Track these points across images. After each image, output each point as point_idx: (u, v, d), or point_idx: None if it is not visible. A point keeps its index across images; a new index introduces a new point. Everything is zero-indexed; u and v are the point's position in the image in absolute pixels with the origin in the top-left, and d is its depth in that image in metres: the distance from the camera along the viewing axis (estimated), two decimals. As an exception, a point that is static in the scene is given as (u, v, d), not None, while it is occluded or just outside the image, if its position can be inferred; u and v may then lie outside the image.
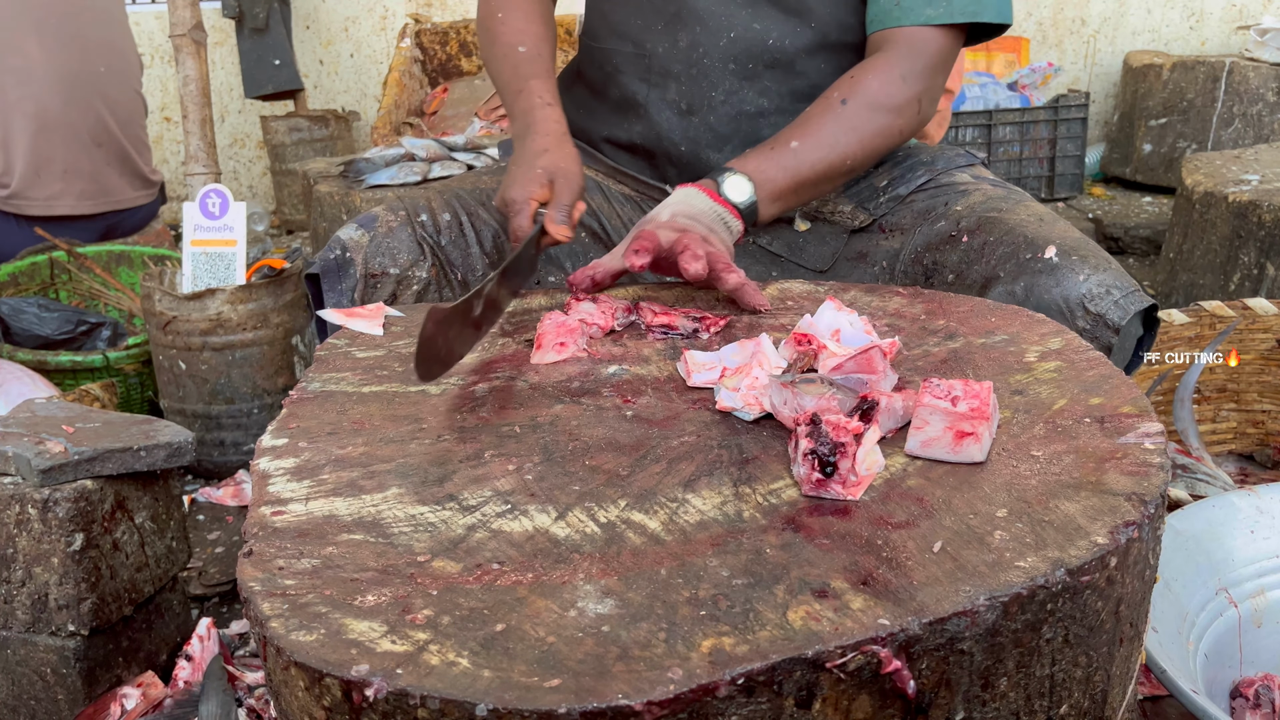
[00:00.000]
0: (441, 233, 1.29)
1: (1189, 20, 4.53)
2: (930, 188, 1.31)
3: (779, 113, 1.31)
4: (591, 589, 0.63)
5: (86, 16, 2.78)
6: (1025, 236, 1.16)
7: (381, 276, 1.25)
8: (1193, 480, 1.70)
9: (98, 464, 1.37)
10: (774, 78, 1.30)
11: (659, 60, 1.32)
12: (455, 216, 1.31)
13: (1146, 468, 0.72)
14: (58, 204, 2.72)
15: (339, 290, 1.23)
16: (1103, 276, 1.10)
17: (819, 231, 1.33)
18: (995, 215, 1.21)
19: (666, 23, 1.31)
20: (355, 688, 0.56)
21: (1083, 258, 1.12)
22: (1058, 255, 1.12)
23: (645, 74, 1.34)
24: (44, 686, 1.39)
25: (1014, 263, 1.15)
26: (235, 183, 4.83)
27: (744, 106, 1.31)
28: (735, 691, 0.55)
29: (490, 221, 1.32)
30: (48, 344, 2.37)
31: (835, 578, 0.63)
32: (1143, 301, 1.08)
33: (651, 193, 1.38)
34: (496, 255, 1.30)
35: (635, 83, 1.35)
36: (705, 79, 1.31)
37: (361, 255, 1.25)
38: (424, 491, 0.75)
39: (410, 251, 1.26)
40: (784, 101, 1.31)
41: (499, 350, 1.02)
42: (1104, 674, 0.69)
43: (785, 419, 0.81)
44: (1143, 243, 3.61)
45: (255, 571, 0.66)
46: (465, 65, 4.40)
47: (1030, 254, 1.14)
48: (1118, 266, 1.12)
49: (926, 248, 1.25)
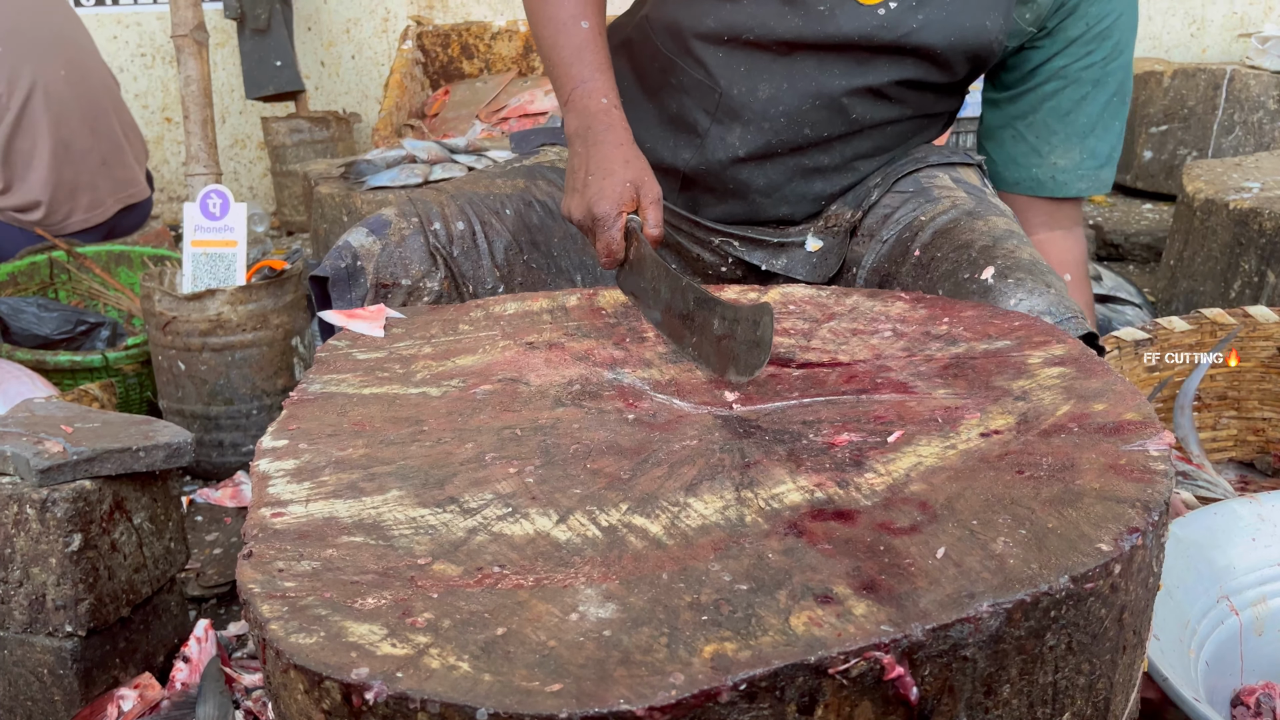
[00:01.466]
0: (454, 243, 1.26)
1: (1190, 27, 4.53)
2: (909, 190, 1.31)
3: (837, 170, 1.31)
4: (593, 593, 0.63)
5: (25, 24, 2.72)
6: (970, 256, 1.15)
7: (393, 287, 1.22)
8: (1193, 487, 1.70)
9: (96, 464, 1.36)
10: (843, 142, 1.29)
11: (731, 101, 1.26)
12: (469, 225, 1.28)
13: (1150, 474, 0.72)
14: (69, 224, 2.73)
15: (348, 299, 1.21)
16: (1035, 301, 1.07)
17: (826, 245, 1.33)
18: (951, 229, 1.21)
19: (750, 68, 1.26)
20: (355, 691, 0.56)
21: (1019, 281, 1.09)
22: (993, 278, 1.10)
23: (713, 109, 1.28)
24: (41, 687, 1.39)
25: (952, 282, 1.14)
26: (236, 184, 4.83)
27: (804, 162, 1.29)
28: (737, 697, 0.55)
29: (503, 232, 1.29)
30: (47, 344, 2.36)
31: (838, 583, 0.62)
32: (1079, 328, 1.06)
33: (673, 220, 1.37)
34: (507, 268, 1.28)
35: (698, 112, 1.30)
36: (775, 135, 1.27)
37: (373, 264, 1.22)
38: (424, 494, 0.75)
39: (422, 262, 1.24)
40: (844, 160, 1.31)
41: (500, 353, 1.02)
42: (1107, 681, 0.68)
43: None
44: (1143, 250, 3.61)
45: (255, 573, 0.66)
46: (467, 67, 4.40)
47: (968, 274, 1.13)
48: (1059, 292, 1.09)
49: (887, 258, 1.25)
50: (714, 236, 1.34)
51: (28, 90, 2.63)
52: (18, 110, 2.62)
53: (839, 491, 0.73)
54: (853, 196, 1.33)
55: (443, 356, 1.01)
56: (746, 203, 1.32)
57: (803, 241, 1.33)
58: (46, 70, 2.69)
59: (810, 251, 1.33)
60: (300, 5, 4.59)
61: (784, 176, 1.30)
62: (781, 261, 1.33)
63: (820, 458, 0.78)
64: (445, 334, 1.08)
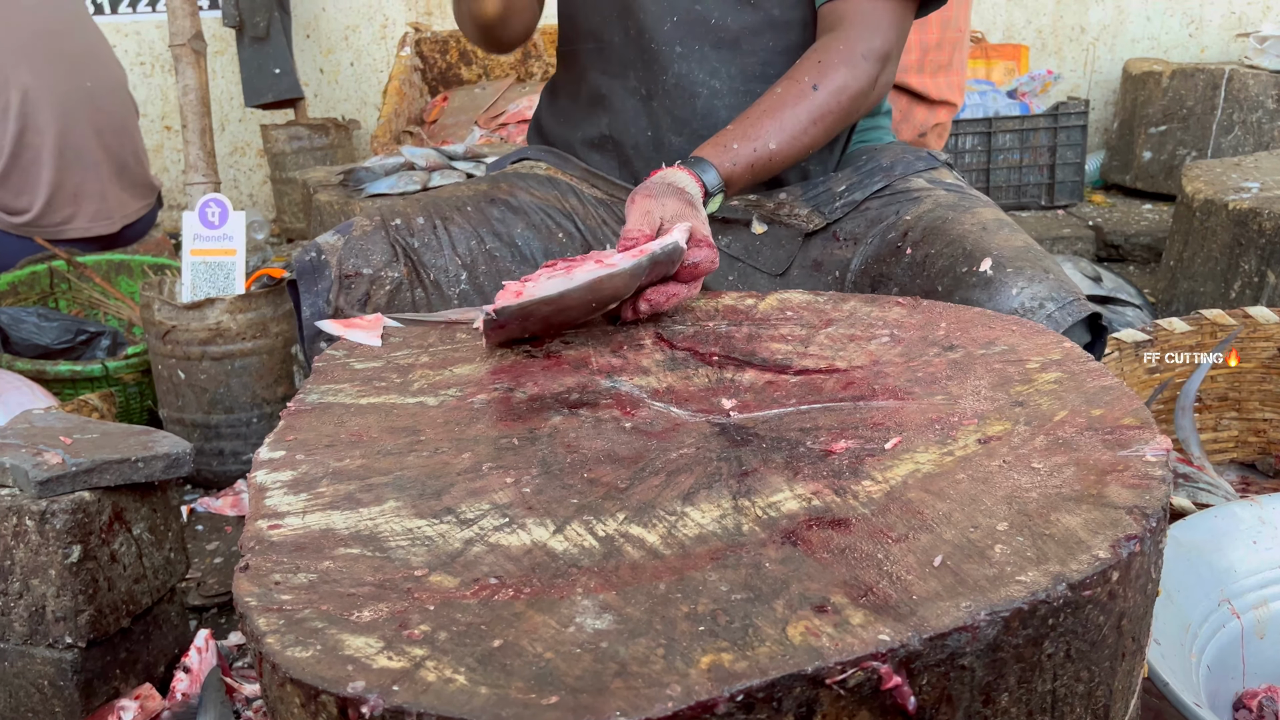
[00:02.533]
0: (415, 235, 1.31)
1: (1188, 27, 4.53)
2: (886, 194, 1.32)
3: (732, 93, 1.33)
4: (589, 604, 0.63)
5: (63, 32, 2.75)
6: (964, 249, 1.16)
7: (355, 277, 1.27)
8: (1194, 490, 1.70)
9: (95, 475, 1.36)
10: (721, 58, 1.32)
11: (616, 50, 1.35)
12: (429, 220, 1.33)
13: (1148, 480, 0.72)
14: (69, 229, 2.73)
15: (315, 291, 1.26)
16: (1037, 289, 1.08)
17: (775, 234, 1.34)
18: (940, 225, 1.22)
19: (619, 13, 1.34)
20: (351, 705, 0.56)
21: (1018, 269, 1.11)
22: (992, 269, 1.11)
23: (606, 66, 1.37)
24: (41, 699, 1.39)
25: (951, 277, 1.15)
26: (235, 191, 4.83)
27: (696, 89, 1.33)
28: (734, 708, 0.55)
29: (464, 225, 1.34)
30: (47, 353, 2.37)
31: (835, 592, 0.62)
32: (1082, 310, 1.07)
33: (620, 193, 1.40)
34: (469, 257, 1.32)
35: (600, 77, 1.38)
36: (656, 63, 1.33)
37: (336, 257, 1.27)
38: (421, 505, 0.75)
39: (383, 253, 1.29)
40: (735, 82, 1.33)
41: (497, 361, 1.02)
42: (1106, 689, 0.68)
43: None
44: (1143, 250, 3.61)
45: (251, 586, 0.66)
46: (465, 74, 4.40)
47: (966, 267, 1.14)
48: (1058, 276, 1.11)
49: (876, 259, 1.26)
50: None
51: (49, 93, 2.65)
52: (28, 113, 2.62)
53: (836, 499, 0.73)
54: (809, 196, 1.34)
55: (440, 366, 1.01)
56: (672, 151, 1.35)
57: (748, 221, 1.34)
58: (71, 79, 2.70)
59: (755, 234, 1.34)
60: (299, 13, 4.60)
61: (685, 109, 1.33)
62: (726, 240, 1.34)
63: (817, 465, 0.78)
64: (442, 343, 1.08)
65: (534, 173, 1.43)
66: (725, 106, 1.32)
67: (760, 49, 1.32)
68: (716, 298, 1.15)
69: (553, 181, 1.41)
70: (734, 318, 1.10)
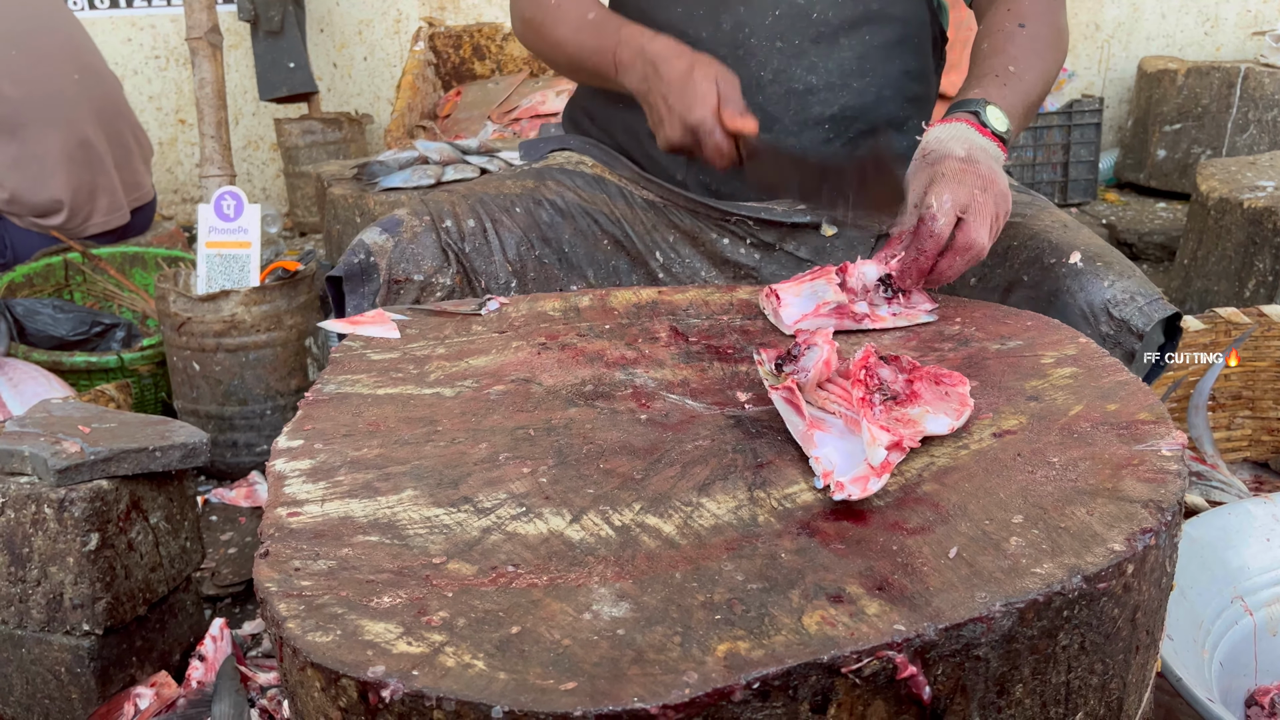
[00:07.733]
0: (466, 239, 1.28)
1: (1204, 26, 4.51)
2: None
3: (828, 89, 1.31)
4: (606, 592, 0.63)
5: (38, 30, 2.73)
6: (1049, 242, 1.17)
7: (405, 283, 1.24)
8: (1207, 488, 1.70)
9: (113, 464, 1.37)
10: (820, 53, 1.30)
11: (704, 46, 1.28)
12: (480, 223, 1.30)
13: (1163, 475, 0.72)
14: (89, 225, 2.75)
15: (361, 294, 1.23)
16: (1127, 283, 1.10)
17: (846, 237, 1.33)
18: (1019, 220, 1.22)
19: (711, 8, 1.30)
20: (371, 689, 0.56)
21: (1107, 264, 1.12)
22: (1082, 261, 1.13)
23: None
24: (58, 685, 1.40)
25: (1038, 267, 1.16)
26: (249, 185, 4.85)
27: (792, 84, 1.30)
28: (750, 696, 0.55)
29: (513, 229, 1.31)
30: (63, 345, 2.38)
31: (851, 583, 0.63)
32: (1166, 309, 1.08)
33: (675, 198, 1.37)
34: (520, 263, 1.29)
35: None
36: (753, 59, 1.30)
37: (386, 260, 1.24)
38: (439, 494, 0.76)
39: (434, 258, 1.25)
40: (832, 77, 1.31)
41: (513, 353, 1.03)
42: (1120, 681, 0.68)
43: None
44: (1157, 249, 3.60)
45: (271, 572, 0.66)
46: (479, 68, 4.41)
47: (1055, 259, 1.14)
48: (1141, 274, 1.13)
49: None
50: (729, 218, 1.35)
51: (44, 93, 2.65)
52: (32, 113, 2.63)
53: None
54: None
55: (456, 357, 1.02)
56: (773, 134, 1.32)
57: (818, 225, 1.33)
58: (60, 74, 2.70)
59: (825, 237, 1.33)
60: (313, 7, 4.61)
61: (778, 106, 1.31)
62: (795, 244, 1.33)
63: (833, 458, 0.78)
64: (458, 334, 1.08)
65: (580, 170, 1.39)
66: (819, 103, 1.30)
67: (858, 43, 1.31)
68: (731, 291, 1.16)
69: (600, 182, 1.37)
70: (749, 312, 1.10)
